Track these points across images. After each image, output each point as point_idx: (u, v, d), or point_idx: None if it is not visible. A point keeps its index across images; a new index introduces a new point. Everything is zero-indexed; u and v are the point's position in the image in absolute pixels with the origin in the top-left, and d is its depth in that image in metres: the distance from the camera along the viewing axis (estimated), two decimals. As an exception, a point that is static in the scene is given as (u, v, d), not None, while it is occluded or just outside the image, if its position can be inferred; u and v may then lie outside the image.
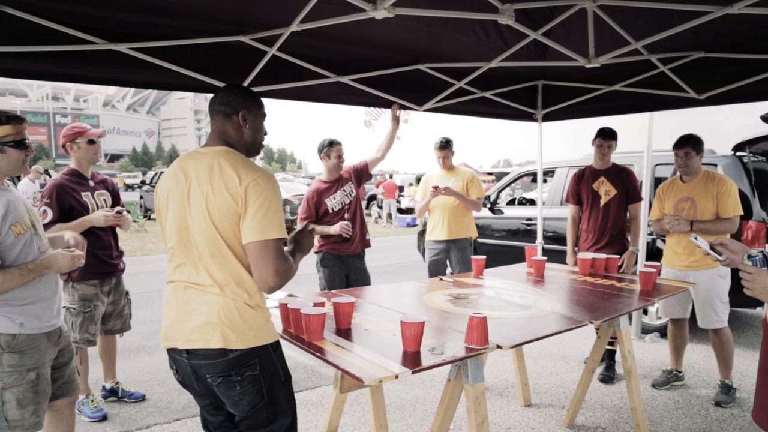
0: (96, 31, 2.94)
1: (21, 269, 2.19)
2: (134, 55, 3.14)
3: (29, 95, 72.17)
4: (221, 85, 3.58)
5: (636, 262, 4.36)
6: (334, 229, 4.20)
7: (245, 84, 3.64)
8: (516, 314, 2.74)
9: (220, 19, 3.10)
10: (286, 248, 1.95)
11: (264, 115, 2.08)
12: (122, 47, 3.05)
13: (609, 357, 4.29)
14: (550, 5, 3.28)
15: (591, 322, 2.64)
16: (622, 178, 4.29)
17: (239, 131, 1.99)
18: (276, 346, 1.95)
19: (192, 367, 1.88)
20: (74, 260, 2.36)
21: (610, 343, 4.42)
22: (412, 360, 1.98)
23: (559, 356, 4.77)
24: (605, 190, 4.31)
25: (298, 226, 2.31)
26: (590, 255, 3.89)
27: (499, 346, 2.19)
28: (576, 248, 4.54)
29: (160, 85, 3.54)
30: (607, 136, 4.34)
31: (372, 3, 2.49)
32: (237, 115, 1.98)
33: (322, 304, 2.34)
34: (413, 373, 1.88)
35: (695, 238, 2.37)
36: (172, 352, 1.93)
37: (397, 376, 1.83)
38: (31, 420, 2.26)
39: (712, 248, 2.19)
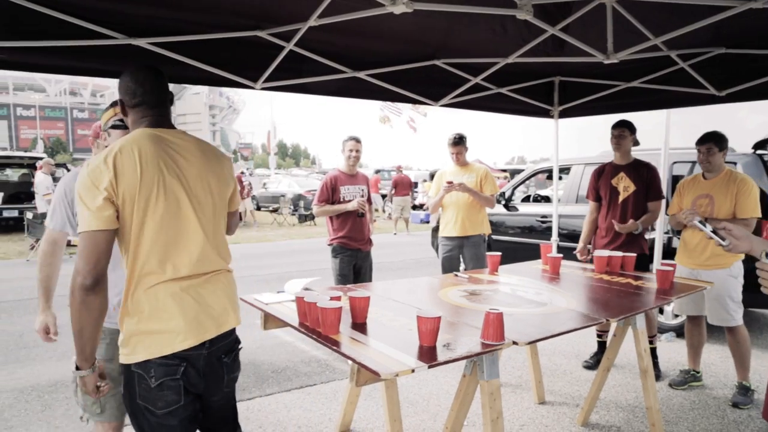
0: (116, 26, 2.97)
1: None
2: (153, 50, 3.17)
3: (47, 90, 72.95)
4: (238, 79, 3.61)
5: (647, 255, 4.30)
6: (352, 204, 4.51)
7: (263, 79, 3.66)
8: (531, 311, 2.73)
9: (238, 14, 3.11)
10: None
11: None
12: (141, 42, 3.08)
13: (600, 349, 4.43)
14: (568, 0, 3.25)
15: (607, 320, 2.62)
16: (642, 174, 4.20)
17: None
18: None
19: (209, 355, 1.84)
20: None
21: (599, 335, 4.52)
22: (428, 355, 1.98)
23: (573, 354, 4.74)
24: (624, 186, 4.25)
25: (314, 211, 2.52)
26: (606, 253, 3.86)
27: (515, 342, 2.18)
28: (589, 245, 4.51)
29: (179, 79, 3.57)
30: (615, 125, 4.27)
31: (390, -3, 2.48)
32: (171, 101, 1.99)
33: (338, 298, 2.35)
34: (429, 367, 1.88)
35: (699, 222, 2.33)
36: (186, 351, 1.77)
37: (413, 371, 1.83)
38: (93, 409, 2.28)
39: (714, 232, 2.15)
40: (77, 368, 1.78)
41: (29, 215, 10.76)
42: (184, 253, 1.79)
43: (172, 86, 2.04)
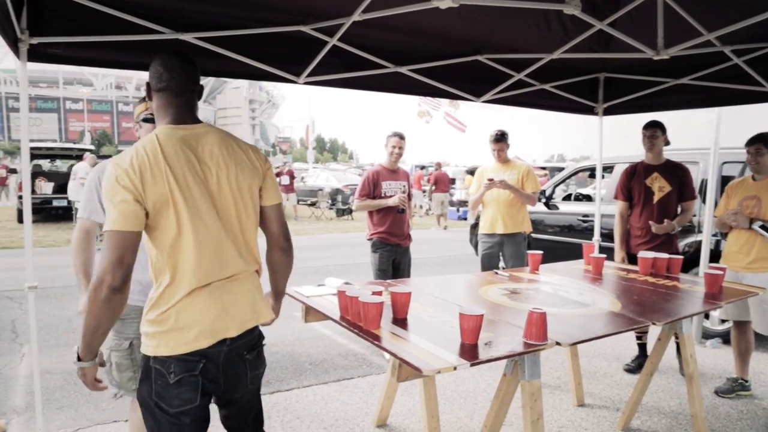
0: (164, 21, 3.04)
1: None
2: (199, 45, 3.23)
3: (95, 84, 75.24)
4: (281, 74, 3.65)
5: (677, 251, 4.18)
6: (393, 200, 4.50)
7: (306, 73, 3.68)
8: (574, 311, 2.68)
9: (282, 10, 3.15)
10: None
11: None
12: (188, 36, 3.14)
13: (641, 352, 4.33)
14: (616, -6, 3.17)
15: (654, 323, 2.56)
16: (678, 174, 4.16)
17: (197, 108, 1.89)
18: None
19: (230, 352, 1.79)
20: None
21: (639, 337, 4.40)
22: (469, 352, 1.97)
23: (614, 357, 4.64)
24: (659, 186, 4.18)
25: (354, 206, 2.43)
26: (651, 254, 3.77)
27: (558, 343, 2.14)
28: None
29: (224, 73, 3.63)
30: (647, 125, 4.23)
31: (437, -8, 2.46)
32: (200, 94, 1.89)
33: (379, 293, 2.35)
34: (472, 365, 1.87)
35: (761, 227, 2.25)
36: (206, 348, 1.74)
37: (455, 368, 1.82)
38: (128, 385, 2.35)
39: None
40: (78, 359, 1.73)
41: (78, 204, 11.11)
42: (206, 259, 1.72)
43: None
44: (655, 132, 4.19)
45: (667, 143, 4.30)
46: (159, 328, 1.70)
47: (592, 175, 9.48)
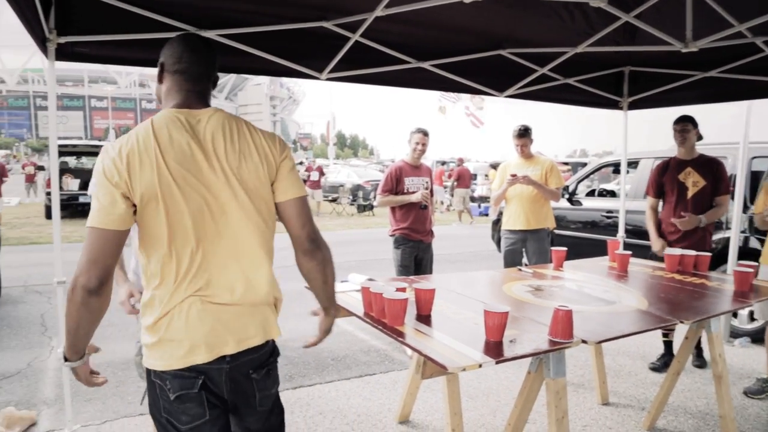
0: (187, 18, 3.06)
1: None
2: (221, 41, 3.25)
3: (119, 82, 76.53)
4: (303, 70, 3.65)
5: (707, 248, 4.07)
6: (416, 196, 4.48)
7: (328, 69, 3.68)
8: (600, 309, 2.64)
9: (304, 5, 3.14)
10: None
11: None
12: (211, 33, 3.16)
13: (667, 350, 4.26)
14: (642, -15, 3.11)
15: (682, 322, 2.51)
16: (712, 169, 4.07)
17: (210, 98, 1.69)
18: None
19: (233, 370, 1.59)
20: None
21: (665, 335, 4.32)
22: (494, 350, 1.95)
23: (639, 355, 4.58)
24: (693, 181, 4.09)
25: (376, 201, 2.29)
26: (678, 251, 3.70)
27: (584, 341, 2.12)
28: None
29: (245, 69, 3.65)
30: (678, 120, 4.14)
31: (461, -14, 2.44)
32: (215, 84, 1.70)
33: (403, 290, 2.34)
34: (497, 363, 1.86)
35: None
36: (202, 365, 1.55)
37: (480, 366, 1.81)
38: None
39: None
40: (65, 359, 1.58)
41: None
42: (203, 265, 1.53)
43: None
44: (686, 126, 4.11)
45: (700, 137, 4.21)
46: (152, 339, 1.54)
47: (617, 171, 9.35)
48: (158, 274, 1.52)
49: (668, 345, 4.31)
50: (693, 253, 3.67)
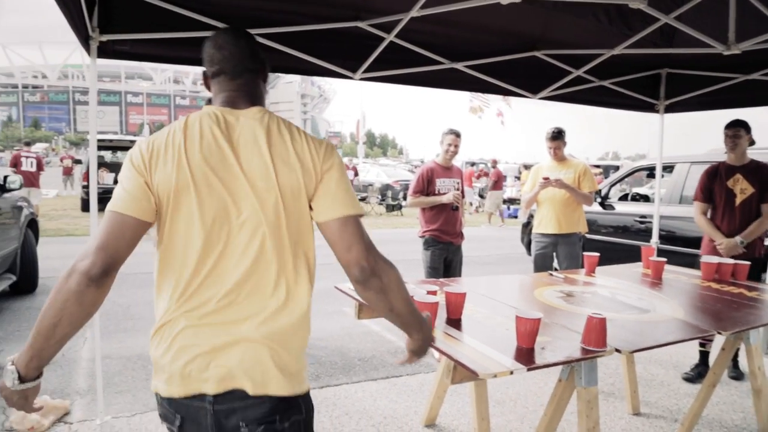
0: (223, 18, 3.09)
1: None
2: (258, 41, 3.26)
3: (154, 78, 78.11)
4: (337, 69, 3.66)
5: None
6: (447, 197, 4.46)
7: (362, 69, 3.69)
8: (634, 317, 2.59)
9: (339, 5, 3.15)
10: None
11: None
12: (247, 33, 3.18)
13: (702, 360, 4.15)
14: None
15: (719, 333, 2.44)
16: (762, 175, 3.91)
17: (264, 90, 1.53)
18: None
19: (217, 414, 1.33)
20: None
21: (702, 345, 4.20)
22: (526, 356, 1.93)
23: (671, 364, 4.47)
24: (741, 189, 3.95)
25: (407, 202, 2.12)
26: (716, 259, 3.60)
27: (617, 350, 2.08)
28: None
29: (280, 68, 3.68)
30: (730, 124, 3.99)
31: (499, -13, 2.42)
32: (264, 71, 1.53)
33: (434, 293, 2.33)
34: (528, 370, 1.83)
35: None
36: (179, 400, 1.35)
37: (511, 372, 1.79)
38: None
39: None
40: (20, 378, 1.26)
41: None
42: (207, 284, 1.33)
43: None
44: (738, 131, 3.97)
45: (752, 143, 4.07)
46: (152, 355, 1.39)
47: (651, 175, 9.17)
48: (157, 281, 1.38)
49: (704, 355, 4.20)
50: (731, 261, 3.57)
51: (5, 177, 5.77)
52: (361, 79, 3.80)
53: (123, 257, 1.30)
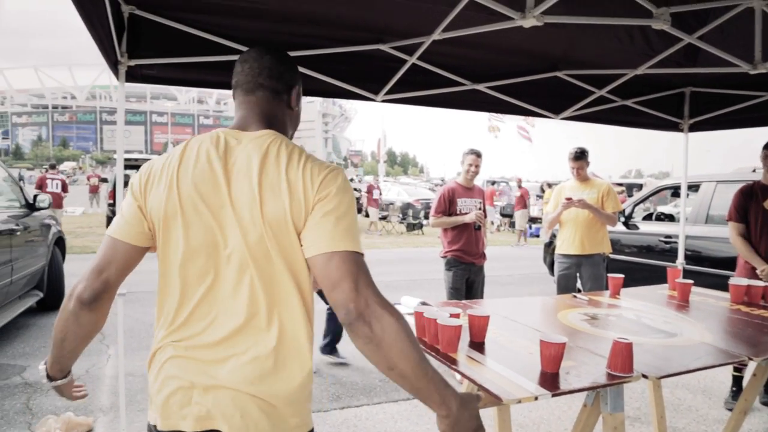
0: (247, 42, 3.15)
1: None
2: (295, 64, 3.32)
3: (178, 98, 79.69)
4: (360, 92, 3.70)
5: None
6: (470, 217, 4.48)
7: (384, 91, 3.72)
8: (660, 341, 2.53)
9: (361, 29, 3.19)
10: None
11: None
12: (271, 56, 3.24)
13: (736, 385, 4.03)
14: (707, 7, 3.01)
15: (751, 359, 2.38)
16: None
17: (288, 116, 1.43)
18: None
19: None
20: None
21: (738, 369, 4.08)
22: (550, 381, 1.90)
23: (700, 389, 4.37)
24: None
25: (430, 222, 2.02)
26: (745, 281, 3.52)
27: (644, 376, 2.03)
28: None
29: (303, 91, 3.72)
30: None
31: (521, 11, 2.43)
32: (289, 94, 1.42)
33: (457, 315, 2.32)
34: (553, 396, 1.80)
35: None
36: None
37: (536, 398, 1.76)
38: None
39: None
40: (48, 378, 1.45)
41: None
42: (197, 316, 1.27)
43: None
44: None
45: None
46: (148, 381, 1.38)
47: (675, 194, 9.04)
48: (156, 306, 1.35)
49: (738, 380, 4.08)
50: (761, 283, 3.49)
51: (35, 196, 5.91)
52: (384, 101, 3.83)
53: (116, 281, 1.31)
